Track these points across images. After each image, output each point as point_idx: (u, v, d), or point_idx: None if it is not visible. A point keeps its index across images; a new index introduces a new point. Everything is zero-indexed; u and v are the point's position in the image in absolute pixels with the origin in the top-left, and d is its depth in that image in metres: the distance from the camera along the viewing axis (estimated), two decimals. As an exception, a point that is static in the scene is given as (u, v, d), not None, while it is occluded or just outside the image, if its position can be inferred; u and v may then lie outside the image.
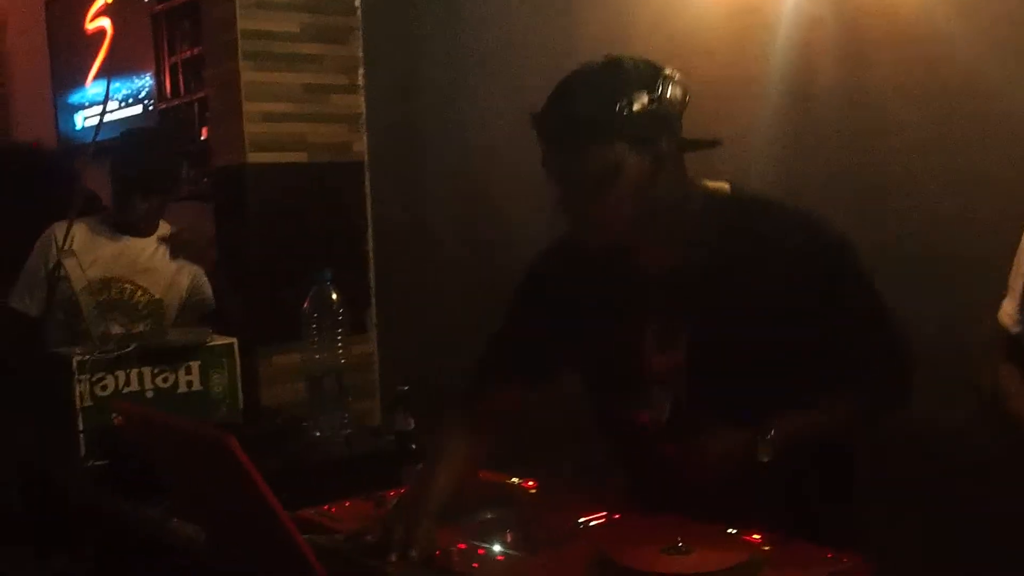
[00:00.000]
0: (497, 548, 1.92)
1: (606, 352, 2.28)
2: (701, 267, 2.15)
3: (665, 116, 2.08)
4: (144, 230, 3.89)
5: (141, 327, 3.81)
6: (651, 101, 2.04)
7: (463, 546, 1.94)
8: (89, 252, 3.77)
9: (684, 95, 2.09)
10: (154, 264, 3.91)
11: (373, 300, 4.62)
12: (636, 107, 2.03)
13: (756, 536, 1.91)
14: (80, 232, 3.81)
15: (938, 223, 2.82)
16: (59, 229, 3.82)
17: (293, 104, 4.37)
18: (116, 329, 3.69)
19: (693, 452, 2.07)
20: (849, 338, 2.15)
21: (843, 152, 2.99)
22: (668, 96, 2.06)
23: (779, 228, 2.15)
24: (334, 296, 2.79)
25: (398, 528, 1.95)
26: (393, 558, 1.89)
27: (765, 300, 2.10)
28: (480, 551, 1.92)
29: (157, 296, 3.89)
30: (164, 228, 3.95)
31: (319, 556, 1.73)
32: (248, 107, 4.26)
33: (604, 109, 2.05)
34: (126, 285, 3.86)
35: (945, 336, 2.73)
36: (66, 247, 3.71)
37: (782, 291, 2.10)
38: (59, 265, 3.65)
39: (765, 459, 2.03)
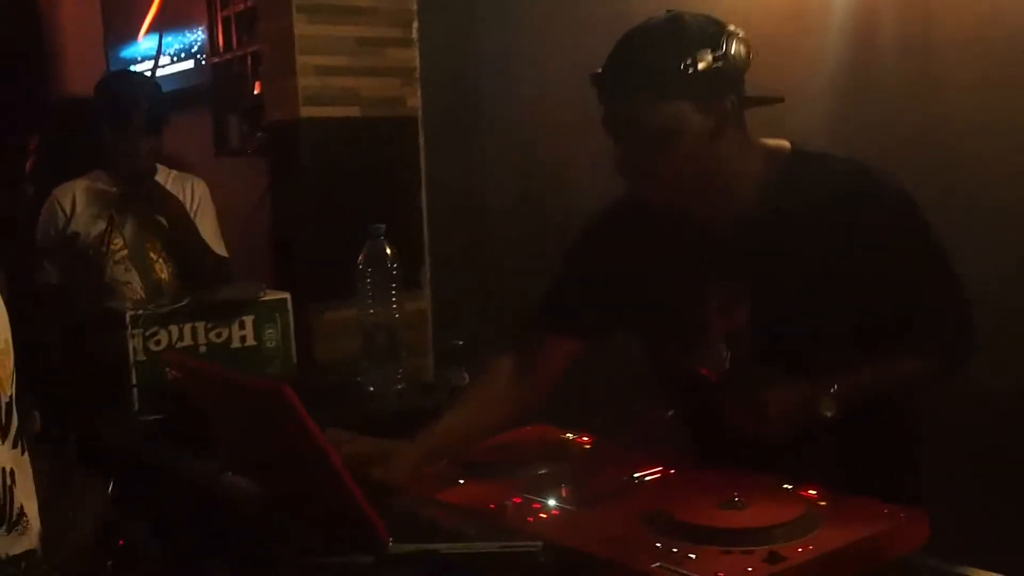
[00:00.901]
0: (552, 503, 1.91)
1: (666, 312, 2.27)
2: (763, 225, 2.14)
3: (730, 75, 2.07)
4: (146, 175, 3.89)
5: (166, 273, 3.84)
6: (716, 59, 2.02)
7: (518, 500, 1.93)
8: (99, 208, 3.79)
9: (748, 53, 2.07)
10: None
11: (427, 257, 4.60)
12: (701, 66, 2.01)
13: (812, 491, 1.89)
14: (80, 192, 3.84)
15: (1000, 178, 2.76)
16: (60, 194, 3.87)
17: (347, 58, 4.32)
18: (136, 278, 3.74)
19: (752, 405, 2.03)
20: (913, 294, 2.12)
21: (903, 106, 2.93)
22: (733, 54, 2.04)
23: (840, 183, 2.12)
24: (388, 251, 2.78)
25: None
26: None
27: (828, 256, 2.08)
28: (535, 505, 1.91)
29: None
30: (163, 172, 3.96)
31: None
32: (302, 61, 4.23)
33: (668, 67, 2.03)
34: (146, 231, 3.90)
35: (1006, 292, 2.70)
36: (75, 209, 3.76)
37: (845, 246, 2.07)
38: (112, 222, 3.67)
39: (829, 413, 2.01)
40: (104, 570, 2.45)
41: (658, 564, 1.60)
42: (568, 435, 2.38)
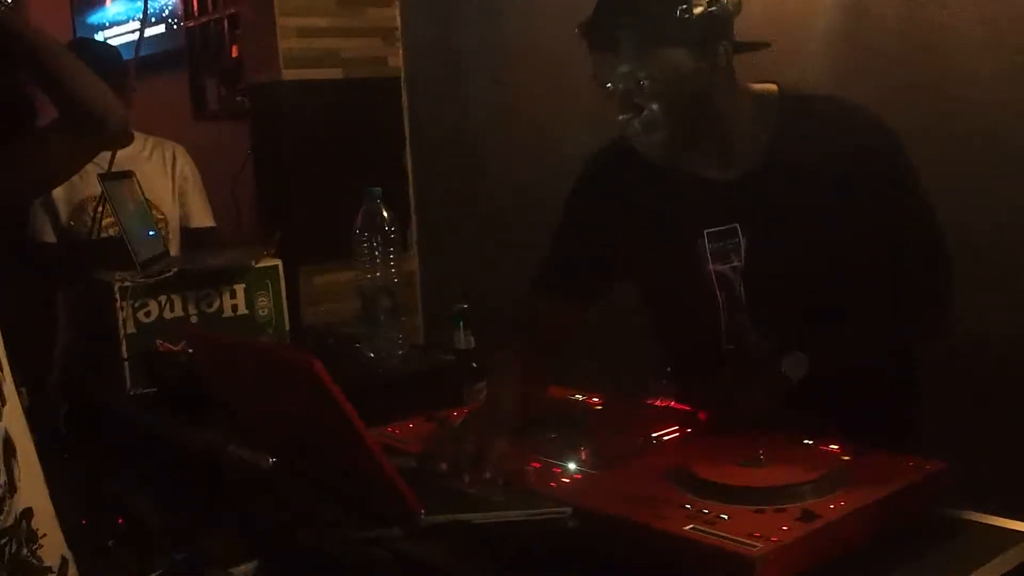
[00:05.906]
0: (572, 466, 1.88)
1: (661, 260, 2.26)
2: (755, 171, 2.13)
3: (723, 20, 2.05)
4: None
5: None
6: (710, 4, 2.00)
7: (537, 465, 1.90)
8: (81, 178, 3.66)
9: None
10: (148, 171, 3.87)
11: (414, 217, 4.57)
12: (697, 11, 1.99)
13: (835, 447, 1.87)
14: None
15: (998, 123, 2.74)
16: None
17: (328, 18, 4.28)
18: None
19: (724, 411, 2.03)
20: (897, 242, 2.10)
21: (900, 51, 2.91)
22: None
23: (829, 126, 2.10)
24: (384, 213, 2.72)
25: (470, 447, 1.90)
26: (467, 478, 1.85)
27: (818, 200, 2.06)
28: (555, 469, 1.88)
29: (156, 202, 3.87)
30: (139, 139, 3.89)
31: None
32: (282, 22, 4.18)
33: (664, 13, 2.00)
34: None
35: (1007, 238, 2.68)
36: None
37: (834, 190, 2.05)
38: (103, 197, 3.58)
39: (797, 377, 2.02)
40: (105, 549, 2.42)
41: (691, 526, 1.57)
42: (577, 396, 2.35)
